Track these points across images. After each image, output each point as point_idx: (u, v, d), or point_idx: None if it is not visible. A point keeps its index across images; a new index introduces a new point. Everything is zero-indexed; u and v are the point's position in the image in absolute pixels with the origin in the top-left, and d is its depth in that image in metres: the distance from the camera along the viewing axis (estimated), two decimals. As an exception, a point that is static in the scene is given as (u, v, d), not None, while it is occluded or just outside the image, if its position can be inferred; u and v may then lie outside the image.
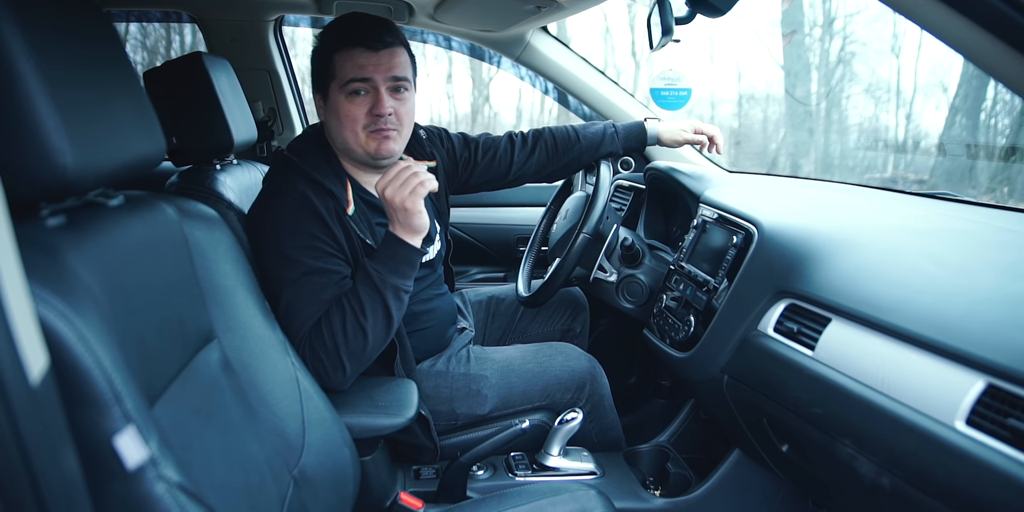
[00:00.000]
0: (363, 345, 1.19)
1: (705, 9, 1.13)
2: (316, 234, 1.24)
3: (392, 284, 1.20)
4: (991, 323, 0.78)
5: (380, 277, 1.19)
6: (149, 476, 0.59)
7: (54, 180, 0.62)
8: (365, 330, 1.18)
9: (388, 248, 1.22)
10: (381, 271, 1.20)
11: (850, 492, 1.01)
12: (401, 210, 1.19)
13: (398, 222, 1.22)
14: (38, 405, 0.47)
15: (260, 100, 2.39)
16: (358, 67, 1.27)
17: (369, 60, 1.27)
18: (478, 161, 1.67)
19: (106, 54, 0.73)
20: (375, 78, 1.28)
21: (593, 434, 1.58)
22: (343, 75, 1.28)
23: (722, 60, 7.99)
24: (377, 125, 1.30)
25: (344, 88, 1.28)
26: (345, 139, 1.32)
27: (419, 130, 1.57)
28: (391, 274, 1.20)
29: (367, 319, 1.18)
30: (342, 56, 1.28)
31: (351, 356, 1.19)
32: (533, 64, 2.13)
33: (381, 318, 1.20)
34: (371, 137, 1.31)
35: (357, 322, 1.18)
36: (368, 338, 1.19)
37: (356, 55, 1.27)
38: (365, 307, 1.18)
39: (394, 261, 1.20)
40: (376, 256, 1.22)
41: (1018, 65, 0.73)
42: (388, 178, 1.20)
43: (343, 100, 1.29)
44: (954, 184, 5.24)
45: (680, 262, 1.51)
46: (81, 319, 0.58)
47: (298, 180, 1.29)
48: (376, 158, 1.33)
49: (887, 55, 7.00)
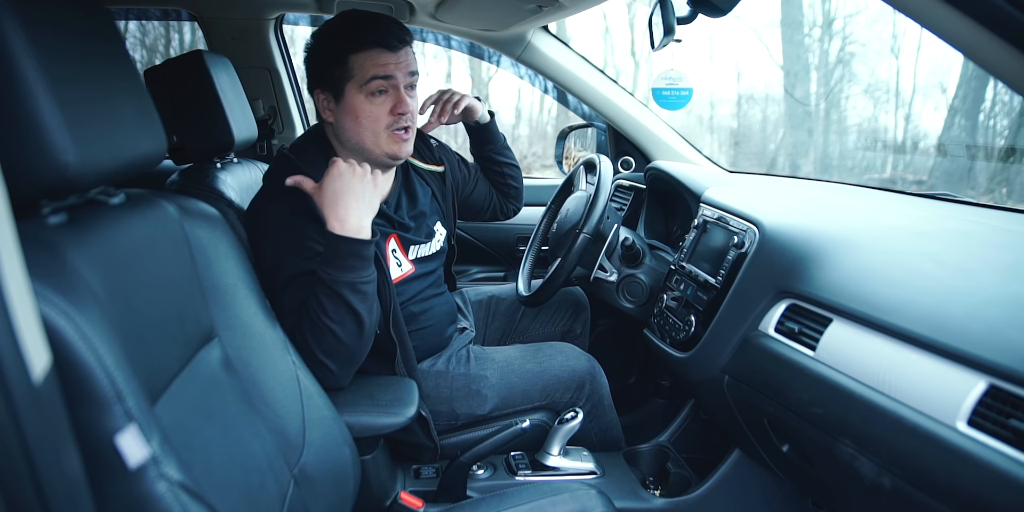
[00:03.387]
0: (335, 343, 1.18)
1: (707, 9, 1.13)
2: (312, 235, 1.24)
3: (346, 281, 1.17)
4: (992, 324, 0.78)
5: (331, 278, 1.17)
6: (151, 475, 0.59)
7: (55, 178, 0.62)
8: (332, 329, 1.17)
9: (330, 247, 1.18)
10: (330, 272, 1.17)
11: (851, 492, 1.01)
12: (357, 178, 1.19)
13: (333, 216, 1.18)
14: (40, 403, 0.47)
15: (260, 98, 2.39)
16: (380, 66, 1.28)
17: (390, 59, 1.28)
18: (475, 184, 1.74)
19: (108, 51, 0.73)
20: (397, 76, 1.29)
21: (592, 434, 1.58)
22: (363, 74, 1.28)
23: (721, 60, 8.00)
24: (400, 124, 1.32)
25: (365, 88, 1.29)
26: (362, 139, 1.32)
27: (431, 138, 1.60)
28: (340, 272, 1.17)
29: (332, 319, 1.17)
30: (361, 57, 1.28)
31: (328, 355, 1.18)
32: (534, 63, 2.13)
33: (347, 315, 1.18)
34: (392, 138, 1.32)
35: (322, 323, 1.17)
36: (339, 336, 1.18)
37: (376, 55, 1.28)
38: (327, 308, 1.17)
39: (339, 257, 1.17)
40: (324, 257, 1.19)
41: (1017, 62, 0.73)
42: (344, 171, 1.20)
43: (363, 100, 1.30)
44: (953, 185, 5.25)
45: (681, 262, 1.51)
46: (83, 317, 0.57)
47: None
48: (394, 159, 1.35)
49: (886, 56, 7.01)
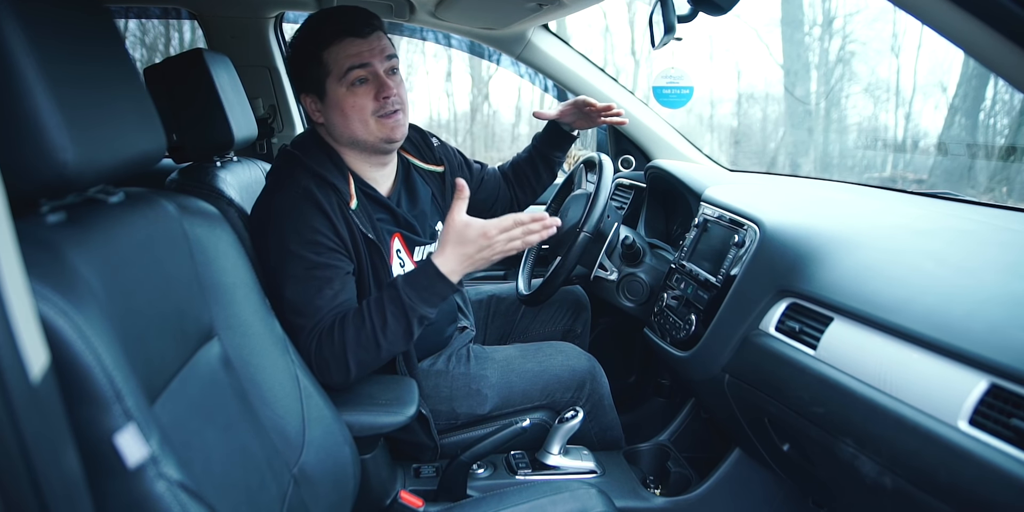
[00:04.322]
0: (375, 357, 1.21)
1: (707, 7, 1.13)
2: (319, 229, 1.24)
3: (420, 313, 1.20)
4: (994, 323, 0.78)
5: (411, 304, 1.19)
6: (150, 474, 0.59)
7: (54, 176, 0.62)
8: (380, 345, 1.20)
9: (426, 278, 1.20)
10: (413, 299, 1.19)
11: (852, 492, 1.01)
12: (497, 255, 1.20)
13: (451, 255, 1.19)
14: (39, 403, 0.47)
15: (260, 97, 2.38)
16: (354, 56, 1.28)
17: (362, 47, 1.28)
18: (479, 184, 1.73)
19: (107, 50, 0.73)
20: (373, 62, 1.29)
21: (592, 434, 1.58)
22: (340, 67, 1.28)
23: (721, 59, 7.99)
24: (387, 108, 1.31)
25: (344, 79, 1.28)
26: (353, 131, 1.32)
27: (431, 137, 1.60)
28: (422, 303, 1.19)
29: (386, 337, 1.19)
30: (333, 50, 1.28)
31: (359, 364, 1.20)
32: (534, 62, 2.13)
33: (400, 338, 1.21)
34: (381, 122, 1.32)
35: (374, 337, 1.19)
36: (382, 352, 1.21)
37: (347, 45, 1.28)
38: (388, 326, 1.19)
39: (429, 292, 1.19)
40: (413, 281, 1.20)
41: (1017, 58, 0.73)
42: (508, 226, 1.19)
43: (345, 93, 1.30)
44: (953, 183, 5.25)
45: (681, 261, 1.51)
46: (82, 316, 0.57)
47: (301, 175, 1.29)
48: (390, 142, 1.34)
49: (887, 54, 7.01)
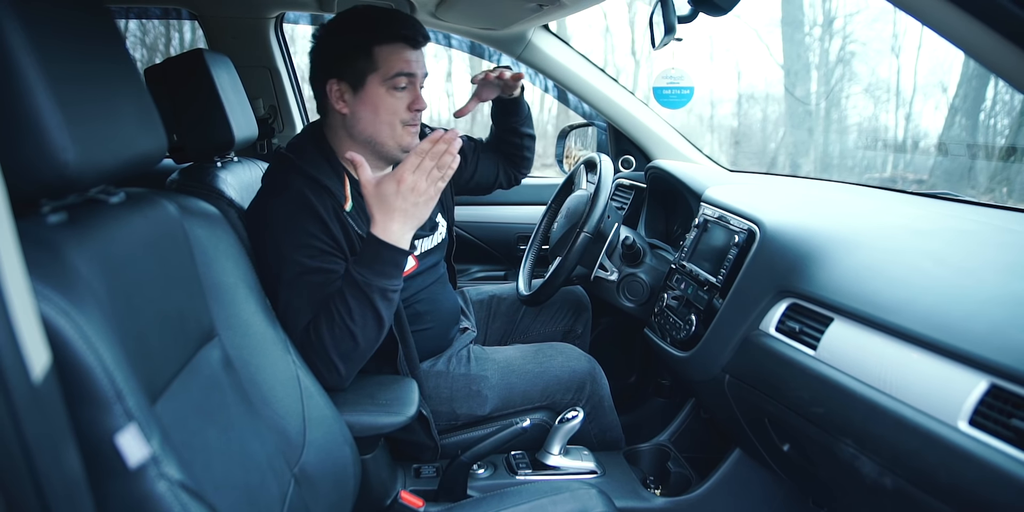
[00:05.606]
0: (353, 347, 1.18)
1: (708, 7, 1.13)
2: (313, 233, 1.24)
3: (379, 287, 1.16)
4: (994, 323, 0.78)
5: (366, 281, 1.16)
6: (151, 474, 0.59)
7: (55, 176, 0.61)
8: (354, 333, 1.17)
9: (371, 250, 1.16)
10: (366, 275, 1.16)
11: (852, 492, 1.01)
12: (424, 196, 1.13)
13: (381, 220, 1.16)
14: (40, 403, 0.47)
15: (261, 97, 2.38)
16: (405, 62, 1.29)
17: (412, 56, 1.30)
18: (475, 167, 1.73)
19: (108, 50, 0.73)
20: (417, 74, 1.32)
21: (592, 435, 1.58)
22: (389, 68, 1.29)
23: (722, 59, 7.99)
24: (416, 120, 1.35)
25: (389, 81, 1.29)
26: (377, 131, 1.33)
27: (425, 128, 1.59)
28: (376, 277, 1.16)
29: (355, 322, 1.17)
30: (386, 50, 1.28)
31: (342, 357, 1.19)
32: (534, 62, 2.13)
33: (371, 320, 1.18)
34: (406, 131, 1.34)
35: (345, 325, 1.17)
36: (358, 340, 1.18)
37: (401, 50, 1.29)
38: (353, 311, 1.16)
39: (378, 263, 1.16)
40: (360, 259, 1.18)
41: (1017, 59, 0.73)
42: (415, 162, 1.13)
43: (384, 93, 1.30)
44: (953, 184, 5.25)
45: (681, 261, 1.51)
46: (83, 316, 0.57)
47: (295, 178, 1.28)
48: (405, 151, 1.35)
49: (887, 55, 7.01)
